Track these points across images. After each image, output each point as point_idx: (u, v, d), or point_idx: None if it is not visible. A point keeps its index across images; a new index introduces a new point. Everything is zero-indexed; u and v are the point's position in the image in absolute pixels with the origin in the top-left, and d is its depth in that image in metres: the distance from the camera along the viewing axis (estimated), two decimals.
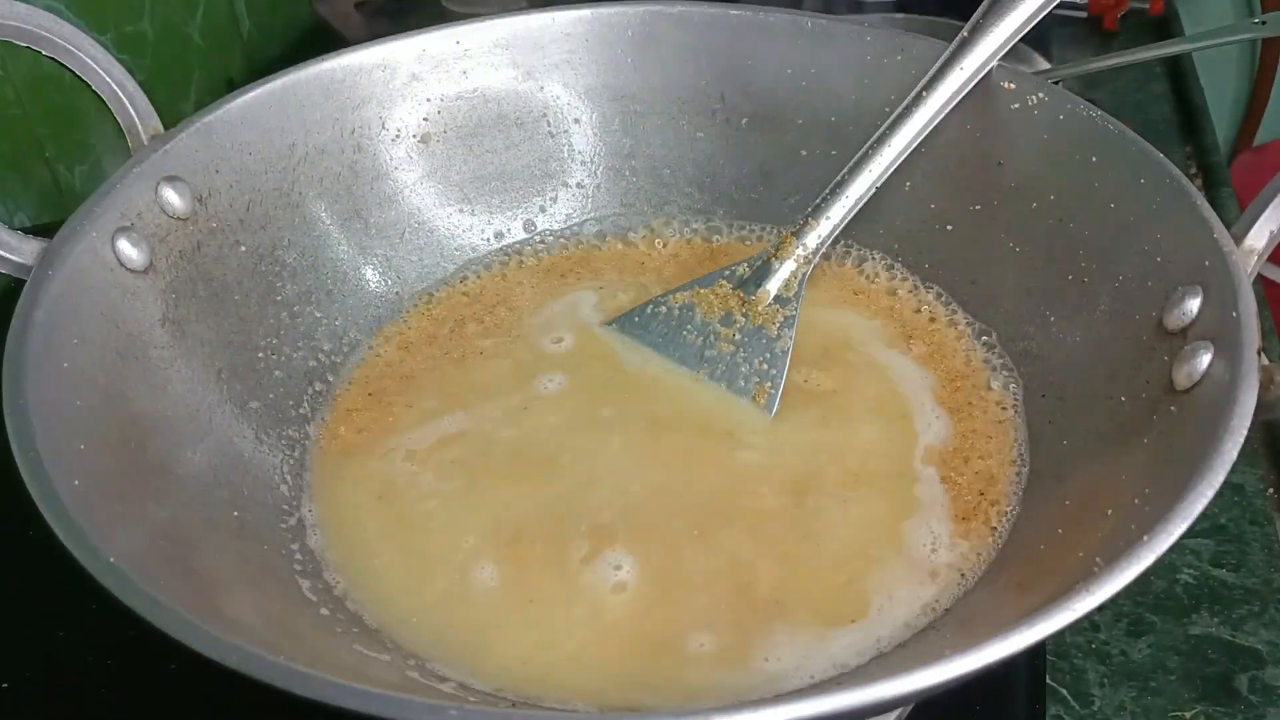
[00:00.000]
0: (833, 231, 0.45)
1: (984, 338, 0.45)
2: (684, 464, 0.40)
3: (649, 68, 0.51)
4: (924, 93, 0.44)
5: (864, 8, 0.84)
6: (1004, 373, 0.43)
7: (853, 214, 0.45)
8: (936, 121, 0.44)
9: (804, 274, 0.45)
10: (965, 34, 0.44)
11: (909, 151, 0.45)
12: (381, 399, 0.44)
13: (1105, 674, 0.41)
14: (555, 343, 0.47)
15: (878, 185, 0.45)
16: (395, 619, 0.36)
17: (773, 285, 0.45)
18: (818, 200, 0.45)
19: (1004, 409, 0.42)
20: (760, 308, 0.45)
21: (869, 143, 0.45)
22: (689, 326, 0.45)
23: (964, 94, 0.44)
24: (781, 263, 0.45)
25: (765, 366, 0.43)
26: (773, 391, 0.43)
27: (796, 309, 0.45)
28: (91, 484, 0.30)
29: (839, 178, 0.45)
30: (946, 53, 0.44)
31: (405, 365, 0.46)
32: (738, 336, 0.44)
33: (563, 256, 0.51)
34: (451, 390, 0.45)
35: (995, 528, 0.38)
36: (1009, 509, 0.38)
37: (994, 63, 0.44)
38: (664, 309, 0.46)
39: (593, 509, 0.39)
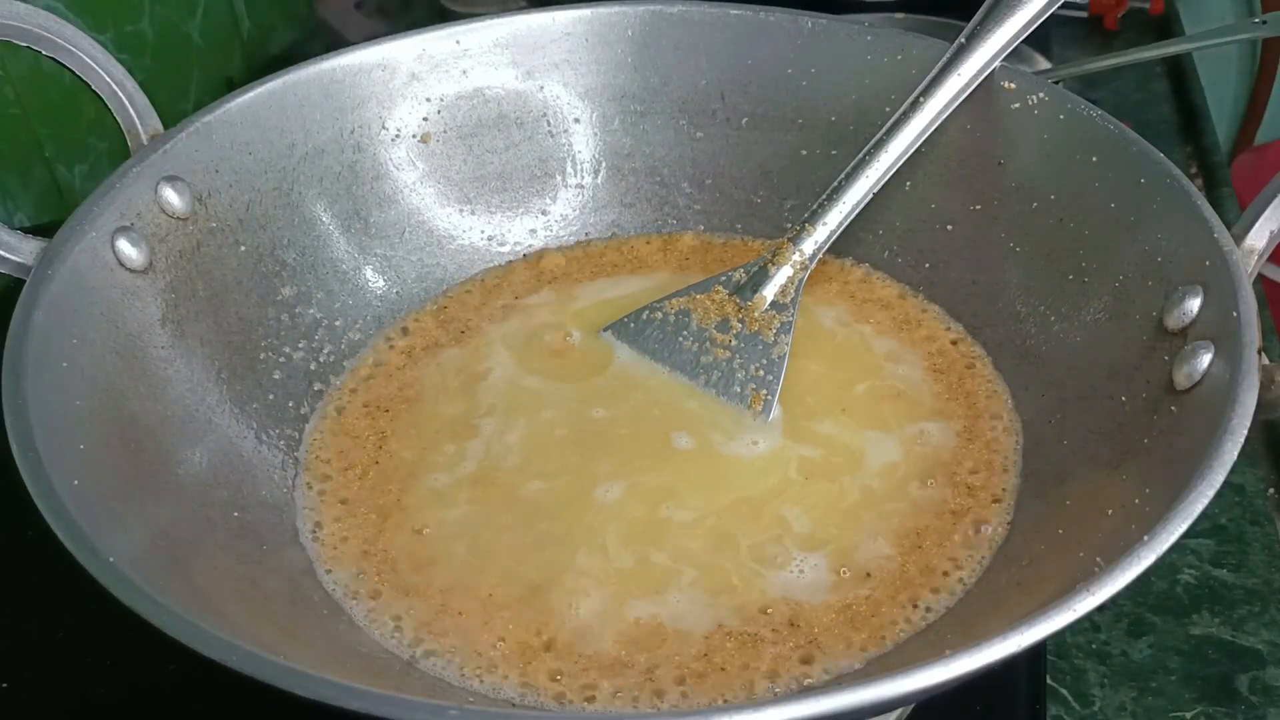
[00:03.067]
0: (829, 237, 0.45)
1: (983, 337, 0.45)
2: (682, 468, 0.40)
3: (649, 68, 0.51)
4: (921, 98, 0.44)
5: (864, 8, 0.84)
6: (1003, 372, 0.43)
7: (850, 219, 0.45)
8: (934, 127, 0.44)
9: (800, 280, 0.45)
10: (963, 40, 0.44)
11: (906, 157, 0.44)
12: (381, 400, 0.44)
13: (1106, 674, 0.41)
14: (553, 345, 0.47)
15: (875, 191, 0.45)
16: (395, 620, 0.36)
17: (769, 291, 0.45)
18: (814, 206, 0.45)
19: (1003, 409, 0.42)
20: (756, 314, 0.45)
21: (866, 149, 0.45)
22: (685, 333, 0.45)
23: (961, 99, 0.44)
24: (778, 269, 0.45)
25: (761, 373, 0.43)
26: (769, 398, 0.42)
27: (793, 315, 0.44)
28: (91, 484, 0.30)
29: (836, 183, 0.45)
30: (944, 58, 0.44)
31: (404, 366, 0.46)
32: (734, 343, 0.44)
33: (562, 257, 0.51)
34: (451, 392, 0.44)
35: (995, 527, 0.38)
36: (1009, 509, 0.38)
37: (992, 68, 0.44)
38: (660, 315, 0.46)
39: (591, 512, 0.39)
